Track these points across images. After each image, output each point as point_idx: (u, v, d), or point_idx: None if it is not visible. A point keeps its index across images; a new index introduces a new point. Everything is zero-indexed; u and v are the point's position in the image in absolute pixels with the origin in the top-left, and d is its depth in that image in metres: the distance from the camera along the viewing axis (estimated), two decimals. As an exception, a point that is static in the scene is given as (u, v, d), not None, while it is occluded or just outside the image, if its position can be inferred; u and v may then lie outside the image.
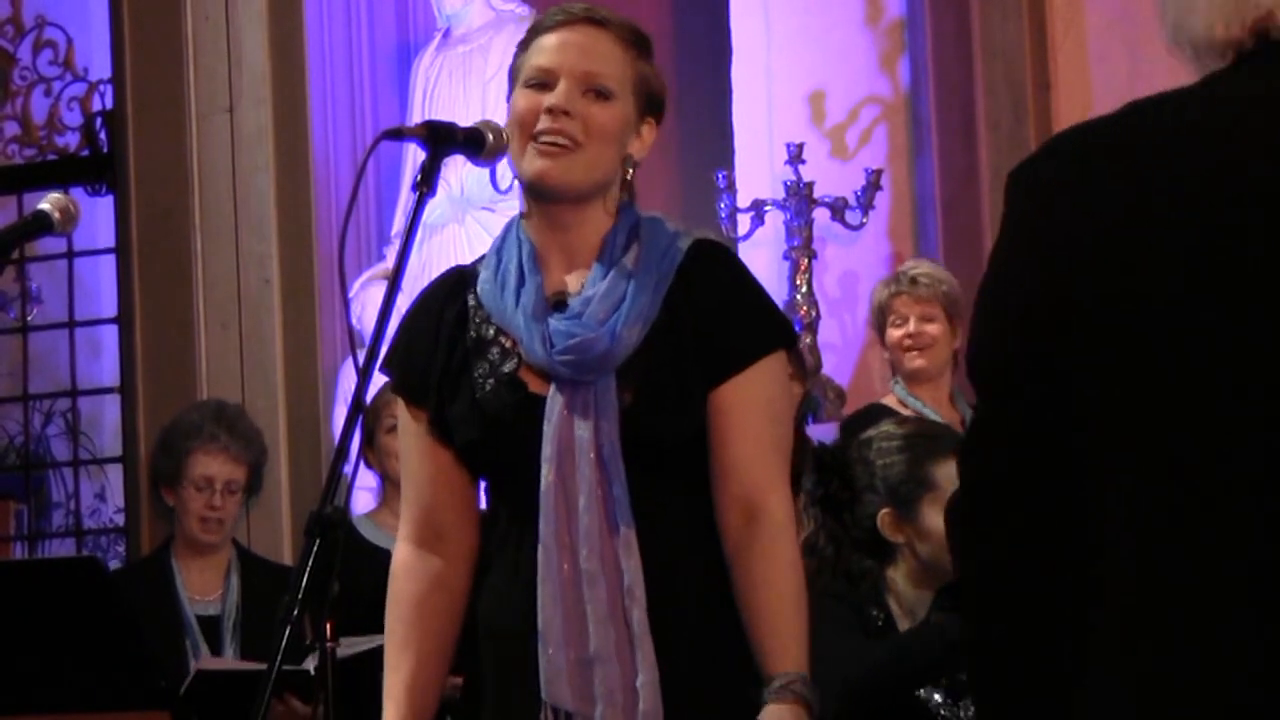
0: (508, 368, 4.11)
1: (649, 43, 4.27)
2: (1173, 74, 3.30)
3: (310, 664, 4.96)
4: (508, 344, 4.11)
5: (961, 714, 5.68)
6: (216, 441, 6.62)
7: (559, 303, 4.14)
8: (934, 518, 5.48)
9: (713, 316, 4.11)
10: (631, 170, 4.21)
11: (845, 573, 5.74)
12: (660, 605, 4.04)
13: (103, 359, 7.66)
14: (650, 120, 4.23)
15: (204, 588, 6.47)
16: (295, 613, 3.71)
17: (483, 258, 4.27)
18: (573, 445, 4.05)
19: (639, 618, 4.02)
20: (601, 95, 4.09)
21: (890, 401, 7.11)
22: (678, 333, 4.09)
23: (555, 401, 4.06)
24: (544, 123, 4.05)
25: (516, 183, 4.25)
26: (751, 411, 4.12)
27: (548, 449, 4.04)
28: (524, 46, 4.21)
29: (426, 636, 4.21)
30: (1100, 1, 8.77)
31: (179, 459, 6.68)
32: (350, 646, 4.70)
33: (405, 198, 7.93)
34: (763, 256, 9.41)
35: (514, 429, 4.09)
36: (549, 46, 4.13)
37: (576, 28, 4.14)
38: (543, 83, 4.09)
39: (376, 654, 4.79)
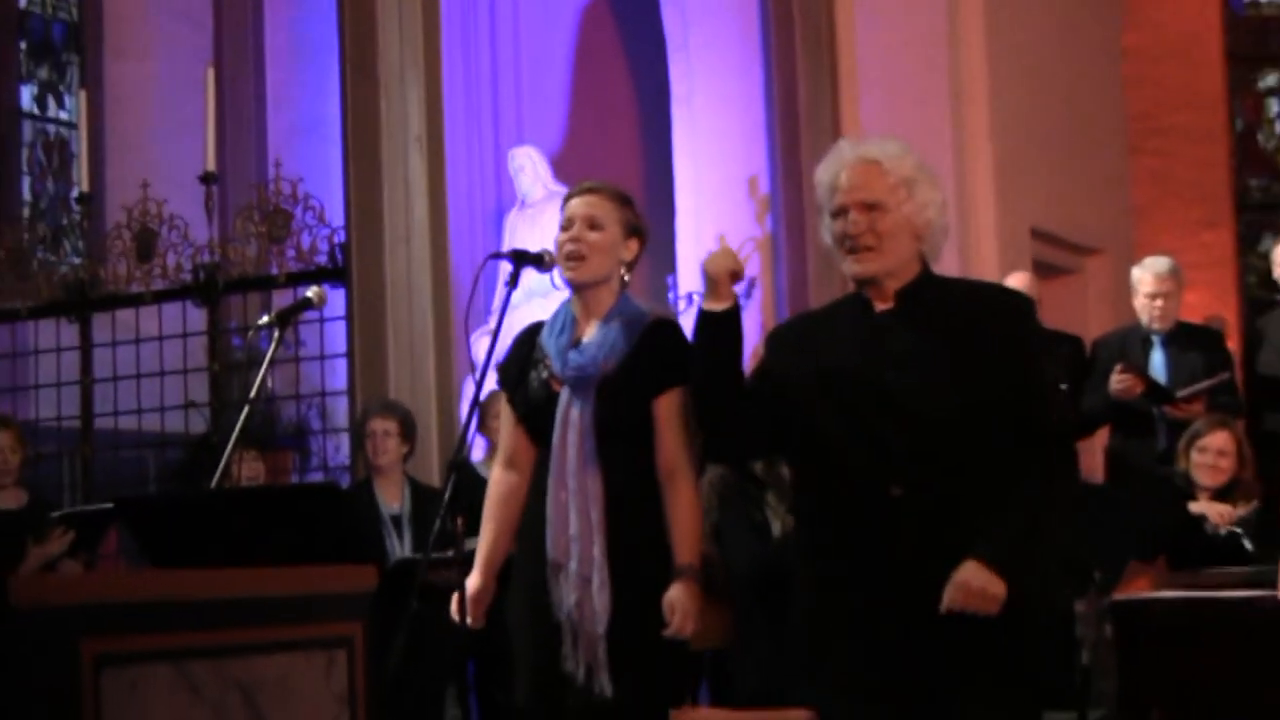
0: (544, 376, 4.27)
1: (627, 197, 4.35)
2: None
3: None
4: (548, 364, 4.27)
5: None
6: (378, 412, 6.68)
7: (577, 342, 4.25)
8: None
9: (659, 358, 4.17)
10: (624, 269, 4.30)
11: (743, 492, 5.85)
12: (614, 510, 4.16)
13: (339, 376, 7.68)
14: (633, 240, 4.32)
15: (390, 499, 6.52)
16: (444, 513, 4.05)
17: (545, 320, 4.37)
18: (569, 419, 4.20)
19: (597, 515, 4.15)
20: (596, 226, 4.23)
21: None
22: (636, 366, 4.18)
23: (564, 396, 4.22)
24: (566, 247, 4.24)
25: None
26: (675, 415, 4.16)
27: (557, 421, 4.21)
28: (563, 208, 4.33)
29: (502, 518, 4.38)
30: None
31: (362, 426, 6.74)
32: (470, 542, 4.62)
33: (499, 290, 8.06)
34: (692, 322, 9.94)
35: (544, 410, 4.25)
36: (570, 207, 4.30)
37: (584, 195, 4.30)
38: (567, 224, 4.27)
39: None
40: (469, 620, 4.29)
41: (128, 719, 2.75)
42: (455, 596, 4.21)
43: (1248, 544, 5.70)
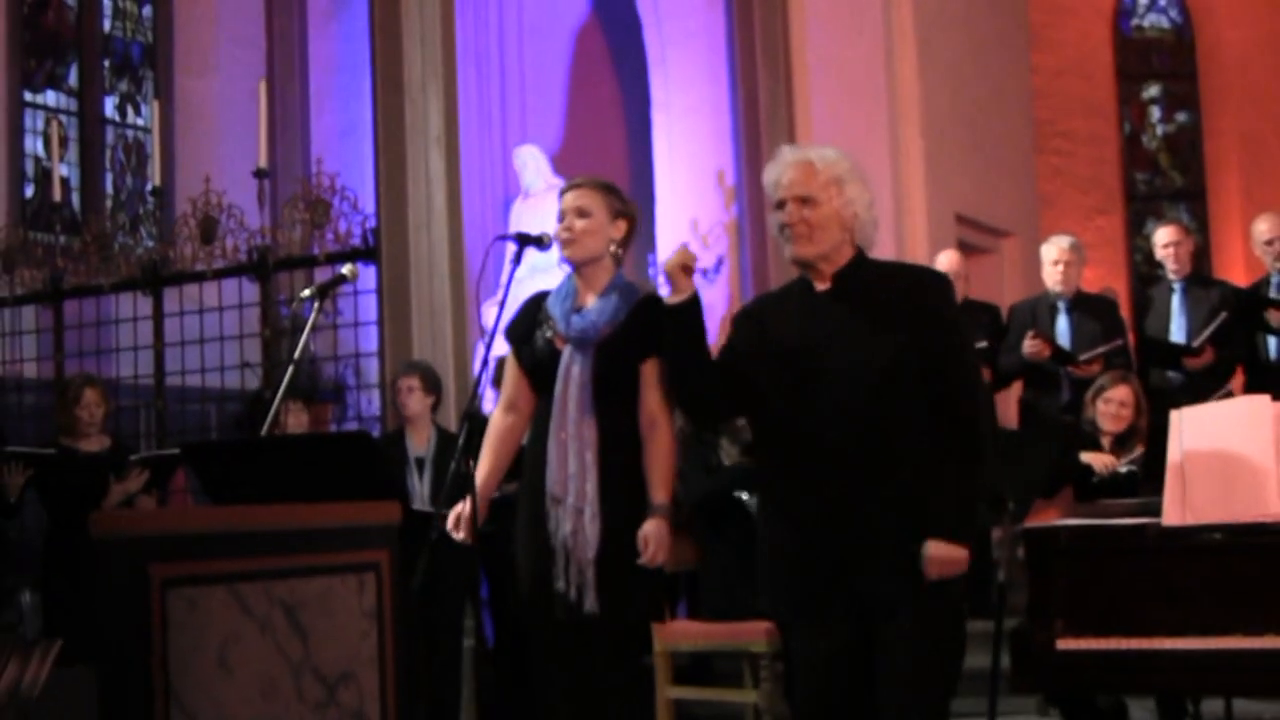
0: (549, 335, 4.23)
1: (611, 185, 4.32)
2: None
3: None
4: (553, 326, 4.25)
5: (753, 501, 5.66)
6: (404, 371, 6.47)
7: (579, 309, 4.23)
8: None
9: (645, 329, 4.12)
10: (616, 246, 4.25)
11: (701, 439, 5.92)
12: (605, 455, 4.11)
13: (371, 341, 7.55)
14: (621, 220, 4.27)
15: (419, 443, 6.36)
16: (459, 456, 4.09)
17: (551, 290, 4.34)
18: (570, 373, 4.16)
19: (591, 456, 4.10)
20: (583, 215, 4.21)
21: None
22: (629, 333, 4.16)
23: (566, 353, 4.17)
24: (561, 236, 4.23)
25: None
26: (653, 375, 4.14)
27: (560, 374, 4.17)
28: (559, 202, 4.32)
29: (499, 452, 4.34)
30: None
31: (393, 384, 6.57)
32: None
33: (506, 267, 8.48)
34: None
35: (548, 365, 4.21)
36: (563, 201, 4.27)
37: (573, 190, 4.27)
38: (561, 215, 4.25)
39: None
40: (462, 535, 4.23)
41: (188, 632, 2.72)
42: (454, 511, 4.19)
43: (1139, 477, 5.75)
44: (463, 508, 4.18)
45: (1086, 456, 6.05)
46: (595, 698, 4.24)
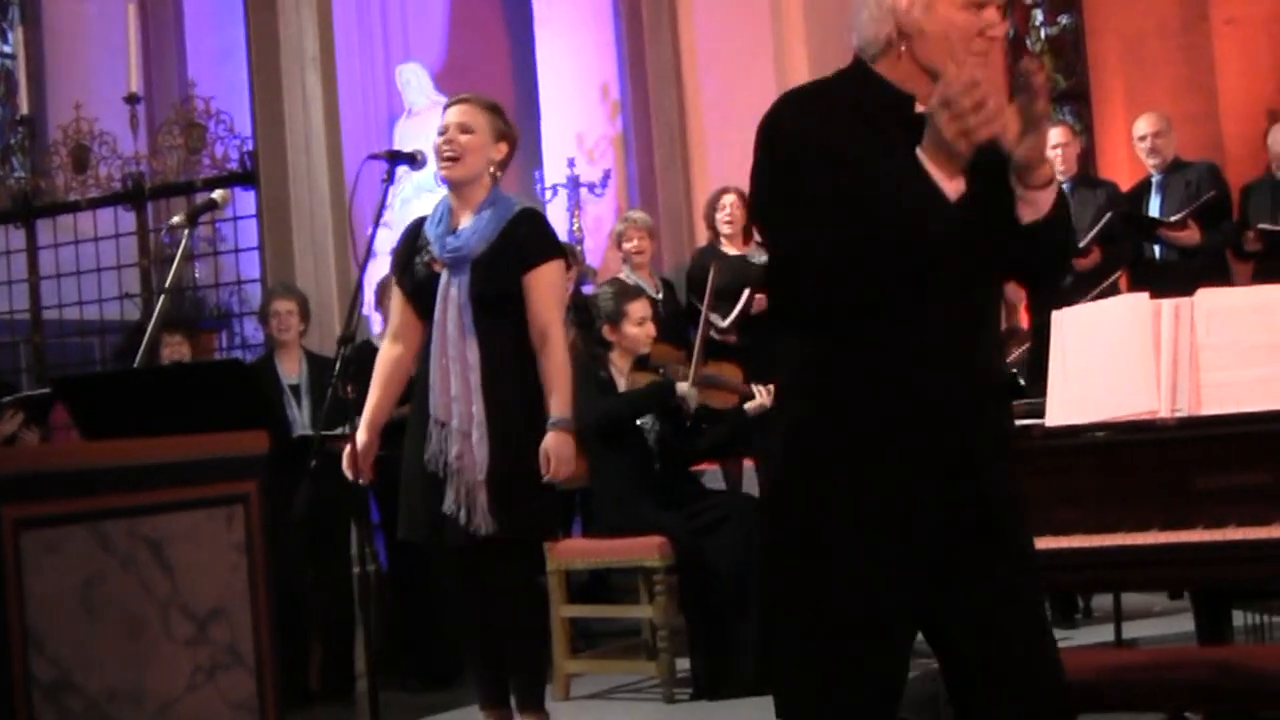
0: (426, 259, 4.28)
1: (496, 105, 4.37)
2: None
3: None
4: (430, 250, 4.29)
5: (653, 430, 5.80)
6: (281, 294, 6.40)
7: (454, 230, 4.27)
8: (628, 327, 5.83)
9: (525, 240, 4.23)
10: (495, 167, 4.30)
11: (591, 355, 6.01)
12: (488, 374, 4.15)
13: (254, 268, 7.41)
14: (502, 143, 4.34)
15: (290, 370, 6.29)
16: (335, 381, 4.03)
17: (429, 215, 4.38)
18: (448, 295, 4.20)
19: (474, 379, 4.15)
20: (466, 131, 4.25)
21: (623, 275, 7.06)
22: (506, 247, 4.20)
23: (444, 275, 4.23)
24: (442, 150, 4.27)
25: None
26: (544, 287, 4.22)
27: (439, 297, 4.21)
28: (443, 115, 4.36)
29: (387, 383, 4.39)
30: (721, 88, 8.72)
31: (266, 307, 6.45)
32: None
33: (395, 188, 8.38)
34: (558, 209, 9.60)
35: (427, 288, 4.25)
36: (445, 115, 4.33)
37: (457, 105, 4.32)
38: (443, 130, 4.29)
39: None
40: (359, 472, 4.25)
41: (46, 575, 2.59)
42: (346, 452, 4.15)
43: (1022, 382, 5.76)
44: (349, 449, 4.16)
45: None
46: (496, 615, 4.27)
